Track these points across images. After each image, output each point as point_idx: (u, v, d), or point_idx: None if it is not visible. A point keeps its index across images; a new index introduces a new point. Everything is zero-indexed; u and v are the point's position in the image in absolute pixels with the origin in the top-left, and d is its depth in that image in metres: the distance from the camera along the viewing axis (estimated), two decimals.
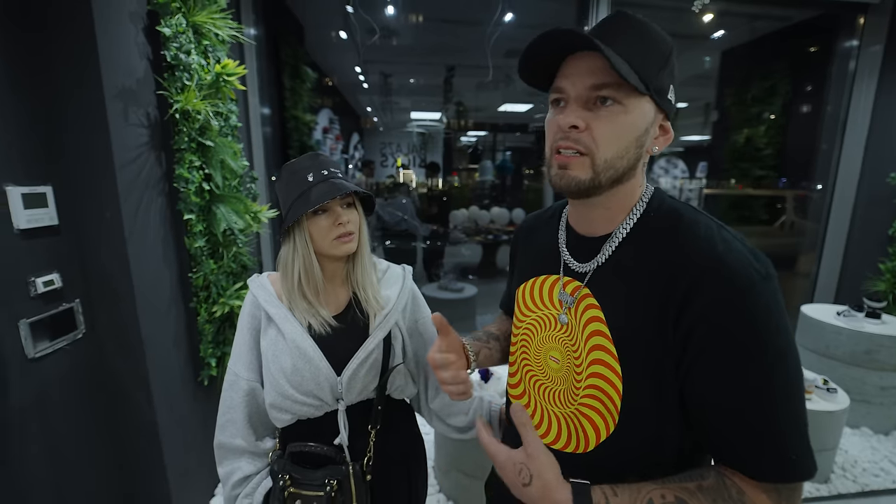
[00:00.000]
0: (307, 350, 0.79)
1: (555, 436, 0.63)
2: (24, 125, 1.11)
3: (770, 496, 0.48)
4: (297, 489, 0.79)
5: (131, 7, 1.32)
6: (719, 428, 0.50)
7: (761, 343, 0.47)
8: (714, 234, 0.52)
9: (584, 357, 0.59)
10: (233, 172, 1.72)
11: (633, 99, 0.51)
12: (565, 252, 0.64)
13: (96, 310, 1.32)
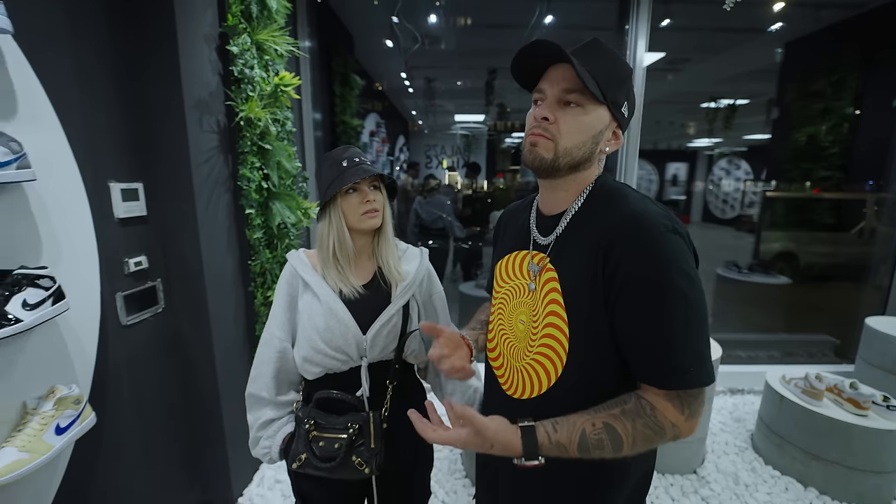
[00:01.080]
0: (338, 311, 0.93)
1: (514, 386, 0.75)
2: (122, 133, 1.34)
3: (674, 403, 0.62)
4: (320, 433, 0.93)
5: (205, 30, 1.54)
6: (635, 352, 0.63)
7: (664, 282, 0.59)
8: (635, 202, 0.65)
9: (540, 316, 0.70)
10: (287, 173, 1.92)
11: (592, 105, 0.66)
12: (534, 230, 0.76)
13: (173, 289, 1.54)
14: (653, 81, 5.04)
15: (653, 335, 0.61)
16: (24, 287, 0.91)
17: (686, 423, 0.62)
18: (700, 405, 0.63)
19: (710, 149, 9.14)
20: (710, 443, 2.21)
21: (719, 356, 1.99)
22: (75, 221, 1.12)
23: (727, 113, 5.75)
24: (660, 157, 10.32)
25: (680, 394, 0.61)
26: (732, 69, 4.71)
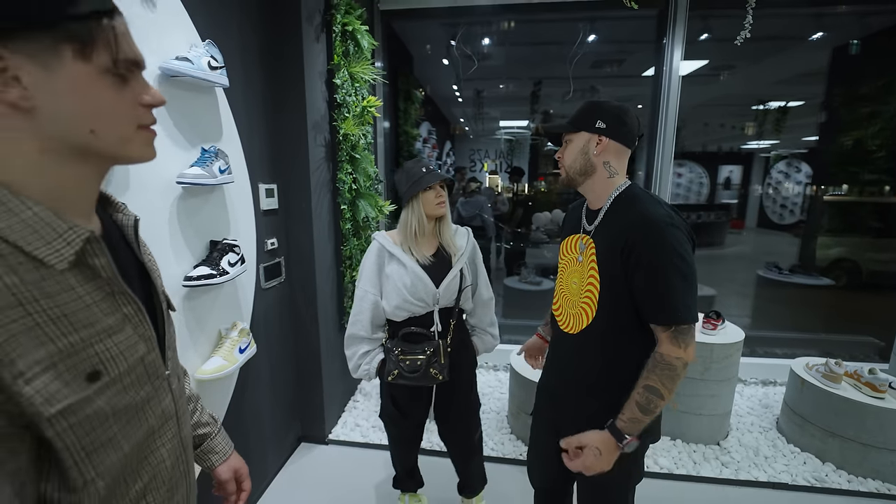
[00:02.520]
0: (419, 273, 1.36)
1: (567, 325, 1.11)
2: (266, 146, 1.83)
3: (672, 341, 0.93)
4: (405, 356, 1.37)
5: (319, 68, 2.02)
6: (646, 304, 0.95)
7: (662, 258, 0.91)
8: (647, 205, 0.96)
9: (585, 278, 1.05)
10: (368, 176, 2.38)
11: (574, 135, 1.04)
12: (584, 219, 1.11)
13: (291, 266, 2.03)
14: (699, 86, 5.14)
15: (657, 295, 0.93)
16: (228, 251, 1.39)
17: (685, 352, 0.92)
18: (690, 338, 0.93)
19: (766, 151, 8.82)
20: (735, 422, 2.43)
21: (741, 339, 2.21)
22: (245, 211, 1.61)
23: (778, 115, 5.70)
24: (711, 159, 10.04)
25: (674, 331, 0.92)
26: (782, 73, 4.74)
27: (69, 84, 0.42)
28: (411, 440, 1.62)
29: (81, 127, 0.44)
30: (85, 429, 0.44)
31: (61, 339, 0.43)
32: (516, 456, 2.14)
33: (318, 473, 2.04)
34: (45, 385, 0.41)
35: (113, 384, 0.47)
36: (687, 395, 2.19)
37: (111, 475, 0.48)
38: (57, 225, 0.44)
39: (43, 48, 0.40)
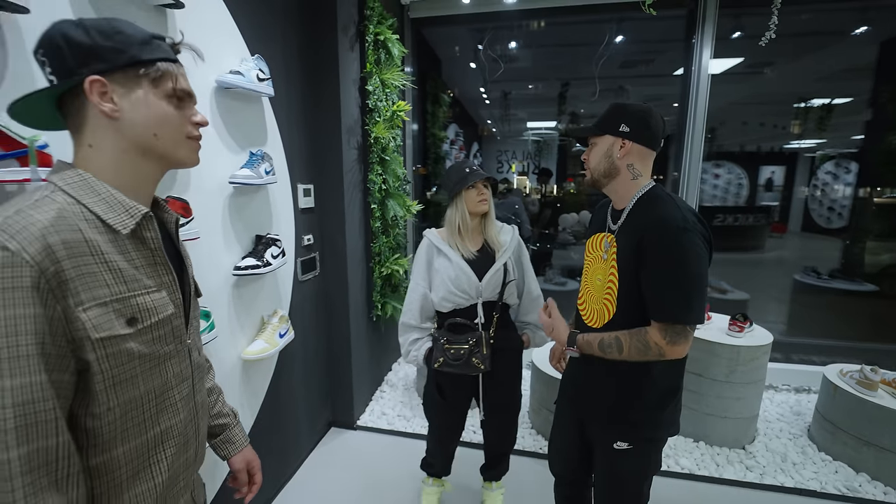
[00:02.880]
0: (464, 267, 1.44)
1: (591, 319, 1.16)
2: (305, 149, 1.98)
3: (660, 331, 0.98)
4: (450, 345, 1.45)
5: (353, 76, 2.15)
6: (649, 298, 1.00)
7: (669, 260, 0.96)
8: (664, 208, 1.00)
9: (607, 275, 1.10)
10: (397, 177, 2.50)
11: (599, 138, 1.09)
12: (609, 218, 1.15)
13: (326, 260, 2.18)
14: (735, 84, 4.99)
15: (658, 294, 0.99)
16: (271, 245, 1.54)
17: (668, 346, 0.97)
18: (682, 337, 0.97)
19: (811, 150, 8.33)
20: (763, 428, 2.38)
21: (769, 342, 2.18)
22: (286, 209, 1.75)
23: (822, 113, 5.44)
24: (751, 159, 9.59)
25: (665, 326, 0.97)
26: (824, 69, 4.54)
27: (143, 102, 0.60)
28: (451, 428, 1.69)
29: (148, 131, 0.61)
30: (116, 360, 0.57)
31: (113, 286, 0.57)
32: (536, 449, 2.20)
33: (347, 456, 2.17)
34: (96, 316, 0.55)
35: (145, 332, 0.61)
36: (712, 397, 2.17)
37: (127, 409, 0.60)
38: (125, 203, 0.60)
39: (128, 79, 0.59)
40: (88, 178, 0.58)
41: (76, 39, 0.56)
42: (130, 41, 0.59)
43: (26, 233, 0.49)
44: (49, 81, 0.57)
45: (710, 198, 6.23)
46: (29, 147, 0.78)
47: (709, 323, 2.38)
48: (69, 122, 0.60)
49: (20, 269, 0.48)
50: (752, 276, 5.07)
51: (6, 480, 0.47)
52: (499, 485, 1.80)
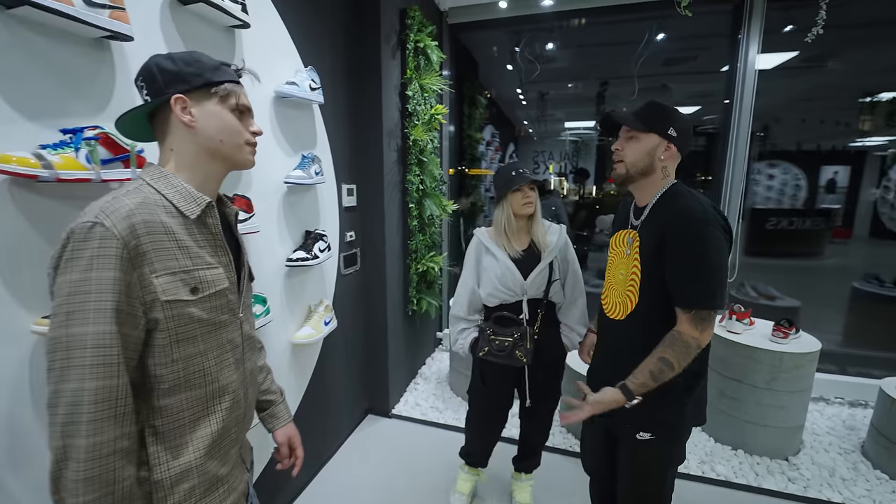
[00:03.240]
0: (509, 265, 1.52)
1: (613, 311, 1.21)
2: (349, 151, 2.12)
3: (691, 322, 1.02)
4: (495, 336, 1.53)
5: (394, 82, 2.27)
6: (674, 287, 1.04)
7: (691, 249, 1.00)
8: (686, 202, 1.04)
9: (629, 269, 1.15)
10: (434, 178, 2.60)
11: (643, 134, 1.09)
12: (631, 215, 1.19)
13: (366, 256, 2.31)
14: (790, 79, 4.73)
15: (683, 282, 1.03)
16: (318, 240, 1.68)
17: (700, 334, 1.02)
18: (709, 323, 1.02)
19: (882, 148, 7.60)
20: (810, 440, 2.28)
21: (816, 350, 2.08)
22: (331, 207, 1.90)
23: (891, 107, 5.02)
24: (810, 158, 8.88)
25: (695, 314, 1.01)
26: (892, 60, 4.21)
27: (213, 114, 0.75)
28: (492, 420, 1.75)
29: (214, 136, 0.75)
30: (180, 321, 0.70)
31: (181, 260, 0.70)
32: (566, 447, 2.22)
33: (383, 441, 2.29)
34: (166, 282, 0.68)
35: (204, 300, 0.73)
36: (751, 404, 2.11)
37: (189, 363, 0.72)
38: (193, 193, 0.74)
39: (203, 97, 0.74)
40: (168, 174, 0.73)
41: (166, 67, 0.72)
42: (205, 67, 0.74)
43: (117, 214, 0.63)
44: (144, 101, 0.74)
45: (764, 200, 5.86)
46: (130, 151, 0.93)
47: (751, 328, 2.30)
48: (156, 130, 0.76)
49: (110, 241, 0.62)
50: (808, 284, 4.76)
51: (79, 405, 0.60)
52: (528, 477, 1.85)
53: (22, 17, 0.82)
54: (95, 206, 0.65)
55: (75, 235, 0.62)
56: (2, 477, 0.83)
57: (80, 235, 0.61)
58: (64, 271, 0.61)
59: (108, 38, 0.95)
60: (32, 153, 0.80)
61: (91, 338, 0.60)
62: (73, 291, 0.60)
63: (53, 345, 0.60)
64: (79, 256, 0.61)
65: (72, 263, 0.61)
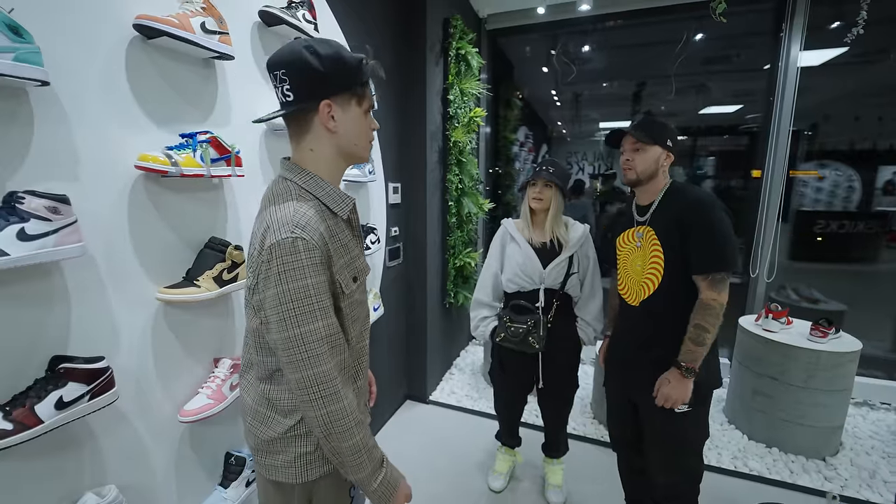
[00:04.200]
0: (531, 253, 1.63)
1: (630, 296, 1.34)
2: (396, 152, 2.29)
3: (710, 287, 1.20)
4: (511, 323, 1.64)
5: (437, 87, 2.42)
6: (691, 257, 1.21)
7: (707, 224, 1.19)
8: (694, 192, 1.22)
9: (648, 257, 1.28)
10: (472, 177, 2.73)
11: (649, 146, 1.28)
12: (635, 214, 1.34)
13: (409, 250, 2.47)
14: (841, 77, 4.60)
15: (697, 253, 1.21)
16: (370, 233, 1.85)
17: (719, 295, 1.19)
18: (723, 284, 1.19)
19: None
20: (850, 442, 2.24)
21: (856, 350, 2.06)
22: (380, 203, 2.07)
23: None
24: (865, 159, 8.37)
25: (711, 279, 1.19)
26: None
27: (353, 117, 0.79)
28: (510, 402, 1.87)
29: (351, 141, 0.81)
30: (352, 306, 0.84)
31: (344, 256, 0.81)
32: (597, 437, 2.30)
33: (422, 424, 2.45)
34: (343, 277, 0.79)
35: (360, 286, 0.87)
36: (788, 402, 2.12)
37: (356, 334, 0.87)
38: (341, 195, 0.83)
39: (345, 100, 0.78)
40: (315, 177, 0.80)
41: (315, 67, 0.73)
42: (350, 68, 0.76)
43: (309, 227, 0.73)
44: (285, 95, 0.75)
45: (812, 202, 5.60)
46: (231, 152, 1.12)
47: (788, 327, 2.29)
48: (292, 127, 0.80)
49: (314, 251, 0.72)
50: (858, 289, 4.55)
51: (332, 381, 0.74)
52: (559, 461, 1.95)
53: (155, 45, 1.02)
54: (282, 218, 0.72)
55: (282, 249, 0.70)
56: (131, 419, 1.03)
57: (286, 249, 0.70)
58: (281, 281, 0.71)
59: (214, 58, 1.14)
60: (163, 153, 0.99)
61: (323, 330, 0.73)
62: (297, 297, 0.71)
63: (292, 342, 0.72)
64: (293, 268, 0.70)
65: (288, 275, 0.70)
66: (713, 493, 1.80)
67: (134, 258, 1.01)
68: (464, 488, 1.96)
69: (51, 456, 0.87)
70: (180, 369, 1.15)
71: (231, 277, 1.18)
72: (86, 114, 0.89)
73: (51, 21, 0.83)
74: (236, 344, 1.32)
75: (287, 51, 0.75)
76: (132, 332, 1.01)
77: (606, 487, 1.88)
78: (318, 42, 0.75)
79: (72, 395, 0.84)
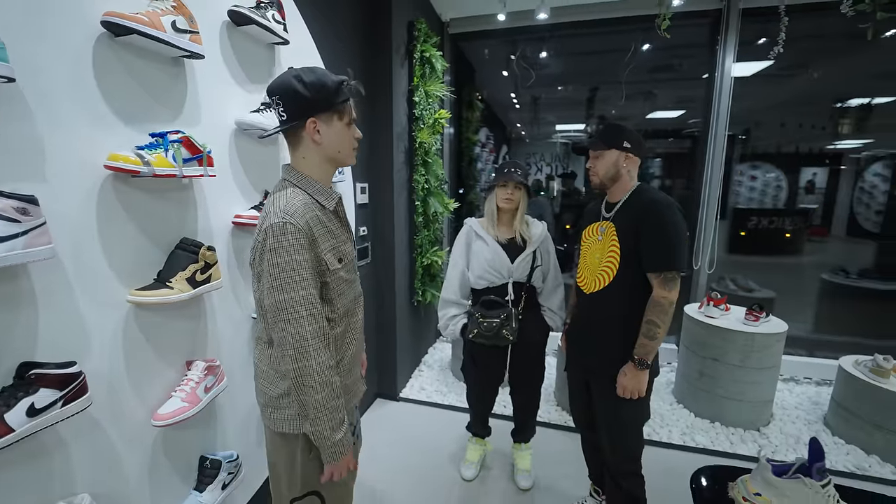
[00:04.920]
0: (498, 250, 1.72)
1: (588, 286, 1.44)
2: (363, 153, 2.30)
3: (661, 285, 1.29)
4: (483, 318, 1.71)
5: (402, 89, 2.47)
6: (646, 256, 1.31)
7: (662, 223, 1.29)
8: (652, 195, 1.32)
9: (607, 249, 1.39)
10: (437, 177, 2.79)
11: (606, 151, 1.38)
12: (603, 210, 1.45)
13: (377, 249, 2.50)
14: (770, 87, 5.04)
15: (653, 251, 1.30)
16: None
17: (669, 293, 1.29)
18: (674, 283, 1.28)
19: (856, 151, 7.98)
20: (780, 414, 2.52)
21: (783, 331, 2.33)
22: (349, 204, 2.08)
23: (861, 113, 5.36)
24: (790, 161, 9.26)
25: (663, 278, 1.28)
26: (860, 70, 4.53)
27: (336, 130, 0.96)
28: (482, 395, 1.95)
29: (335, 148, 0.98)
30: (337, 282, 0.97)
31: (331, 240, 0.96)
32: (561, 422, 2.44)
33: (393, 421, 2.48)
34: (329, 256, 0.94)
35: (345, 266, 1.00)
36: (728, 381, 2.35)
37: (344, 307, 1.01)
38: (328, 191, 1.00)
39: (328, 117, 0.95)
40: (307, 177, 0.97)
41: (302, 94, 0.90)
42: (330, 92, 0.92)
43: (297, 214, 0.88)
44: (280, 116, 0.93)
45: (747, 200, 6.13)
46: (203, 152, 1.12)
47: (727, 314, 2.54)
48: (289, 140, 0.97)
49: (300, 233, 0.87)
50: (785, 279, 5.06)
51: (305, 341, 0.88)
52: (527, 446, 2.05)
53: (123, 42, 1.00)
54: (276, 207, 0.89)
55: (274, 231, 0.86)
56: (103, 425, 1.01)
57: (277, 231, 0.86)
58: (272, 256, 0.86)
59: (184, 57, 1.13)
60: (134, 153, 0.98)
61: (303, 298, 0.88)
62: (284, 269, 0.86)
63: (278, 306, 0.87)
64: (280, 246, 0.86)
65: (277, 251, 0.86)
66: (665, 467, 1.98)
67: (103, 260, 0.98)
68: (437, 480, 2.02)
69: (20, 466, 0.84)
70: (152, 373, 1.12)
71: (204, 278, 1.17)
72: (52, 112, 0.87)
73: (15, 16, 0.80)
74: (209, 346, 1.31)
75: (280, 80, 0.92)
76: (102, 335, 0.99)
77: (571, 469, 2.01)
78: (304, 71, 0.92)
79: (44, 402, 0.82)
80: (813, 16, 2.94)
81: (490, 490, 1.97)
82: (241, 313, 1.45)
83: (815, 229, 6.40)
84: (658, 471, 1.54)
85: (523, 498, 1.92)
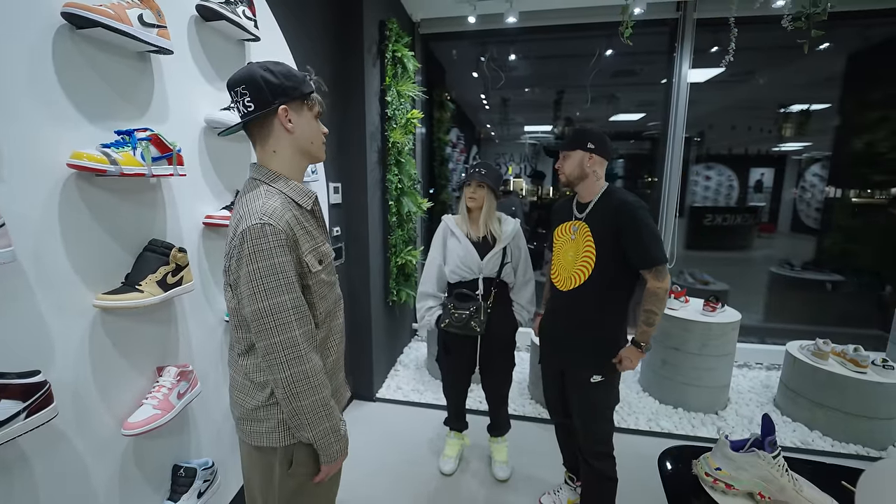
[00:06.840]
0: (470, 247, 1.76)
1: (563, 284, 1.50)
2: (336, 153, 2.28)
3: (651, 274, 1.37)
4: (455, 310, 1.76)
5: (375, 89, 2.46)
6: (632, 255, 1.37)
7: (637, 223, 1.36)
8: (623, 195, 1.39)
9: (581, 249, 1.45)
10: (410, 177, 2.80)
11: (571, 152, 1.46)
12: (574, 210, 1.51)
13: (350, 250, 2.48)
14: (722, 91, 5.33)
15: (640, 249, 1.36)
16: None
17: (661, 282, 1.36)
18: (664, 274, 1.36)
19: (798, 153, 8.66)
20: (735, 397, 2.70)
21: (738, 320, 2.50)
22: (322, 203, 2.05)
23: (801, 119, 5.80)
24: (740, 162, 9.91)
25: (655, 271, 1.36)
26: (801, 78, 4.91)
27: (306, 120, 0.92)
28: (456, 383, 2.00)
29: (307, 140, 0.93)
30: (319, 285, 0.93)
31: (310, 241, 0.91)
32: (535, 415, 2.51)
33: (370, 422, 2.47)
34: (310, 258, 0.89)
35: (326, 268, 0.96)
36: (688, 368, 2.49)
37: (325, 311, 0.96)
38: (304, 189, 0.94)
39: (298, 106, 0.91)
40: (279, 174, 0.91)
41: (271, 80, 0.85)
42: (299, 81, 0.89)
43: (275, 215, 0.83)
44: (246, 106, 0.86)
45: (702, 199, 6.47)
46: (173, 151, 1.08)
47: (687, 305, 2.70)
48: (255, 134, 0.90)
49: (279, 235, 0.82)
50: (737, 272, 5.39)
51: (297, 346, 0.84)
52: (503, 439, 2.10)
53: (86, 35, 0.95)
54: (252, 209, 0.83)
55: (252, 234, 0.81)
56: (69, 436, 0.96)
57: (255, 234, 0.81)
58: (252, 261, 0.81)
59: (151, 52, 1.09)
60: (99, 151, 0.94)
61: (290, 302, 0.83)
62: (266, 274, 0.81)
63: (262, 313, 0.82)
64: (260, 249, 0.81)
65: (257, 255, 0.81)
66: (633, 452, 2.08)
67: (67, 263, 0.94)
68: (417, 476, 2.03)
69: None
70: (121, 380, 1.08)
71: (175, 281, 1.14)
72: (9, 107, 0.82)
73: None
74: (180, 351, 1.27)
75: (245, 71, 0.86)
76: (67, 342, 0.94)
77: (546, 459, 2.07)
78: (270, 63, 0.88)
79: (5, 414, 0.77)
80: (759, 28, 3.16)
81: (469, 482, 2.00)
82: (214, 316, 1.41)
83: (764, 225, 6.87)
84: (628, 454, 1.62)
85: (502, 488, 1.97)
